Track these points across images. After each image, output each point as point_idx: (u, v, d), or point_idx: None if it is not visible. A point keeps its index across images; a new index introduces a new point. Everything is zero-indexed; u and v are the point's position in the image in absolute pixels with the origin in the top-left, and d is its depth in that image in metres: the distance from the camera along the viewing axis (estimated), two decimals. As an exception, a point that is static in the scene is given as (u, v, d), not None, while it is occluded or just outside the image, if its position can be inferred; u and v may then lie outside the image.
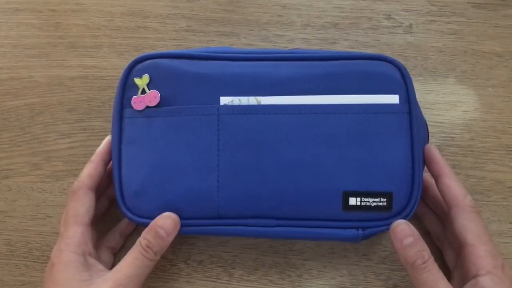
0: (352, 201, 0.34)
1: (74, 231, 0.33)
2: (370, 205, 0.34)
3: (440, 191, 0.35)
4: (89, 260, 0.33)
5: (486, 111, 0.42)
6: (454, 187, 0.34)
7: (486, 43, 0.44)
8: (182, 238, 0.40)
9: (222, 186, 0.34)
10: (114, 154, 0.36)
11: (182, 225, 0.35)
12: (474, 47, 0.44)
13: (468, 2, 0.45)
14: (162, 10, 0.46)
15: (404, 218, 0.34)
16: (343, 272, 0.39)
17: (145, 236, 0.33)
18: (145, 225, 0.35)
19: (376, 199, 0.34)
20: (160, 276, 0.40)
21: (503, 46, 0.43)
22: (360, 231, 0.34)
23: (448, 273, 0.35)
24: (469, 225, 0.32)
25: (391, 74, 0.35)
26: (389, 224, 0.34)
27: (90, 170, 0.36)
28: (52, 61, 0.45)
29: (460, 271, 0.34)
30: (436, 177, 0.35)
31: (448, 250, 0.36)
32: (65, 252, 0.33)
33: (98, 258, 0.35)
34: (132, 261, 0.33)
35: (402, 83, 0.35)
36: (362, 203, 0.34)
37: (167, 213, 0.34)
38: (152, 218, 0.34)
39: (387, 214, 0.34)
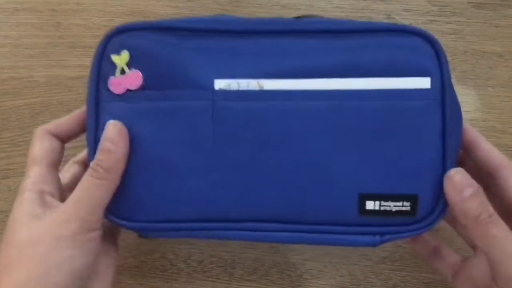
0: (370, 205, 0.29)
1: (31, 171, 0.30)
2: (391, 210, 0.29)
3: (480, 157, 0.31)
4: (47, 199, 0.29)
5: (486, 111, 0.42)
6: (496, 150, 0.30)
7: (486, 43, 0.44)
8: (182, 238, 0.40)
9: (218, 185, 0.30)
10: (90, 146, 0.30)
11: (174, 229, 0.31)
12: (474, 47, 0.44)
13: (468, 2, 0.45)
14: (162, 10, 0.46)
15: (429, 225, 0.30)
16: (343, 272, 0.39)
17: (95, 157, 0.29)
18: (132, 229, 0.31)
19: (398, 203, 0.29)
20: (160, 276, 0.40)
21: (503, 46, 0.43)
22: (378, 238, 0.30)
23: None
24: None
25: (422, 51, 0.29)
26: (412, 231, 0.30)
27: (59, 119, 0.32)
28: (52, 61, 0.45)
29: None
30: (470, 144, 0.31)
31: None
32: (20, 192, 0.29)
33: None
34: (80, 185, 0.29)
35: (435, 63, 0.29)
36: (382, 207, 0.29)
37: (109, 121, 0.30)
38: (139, 221, 0.31)
39: (410, 220, 0.29)
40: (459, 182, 0.28)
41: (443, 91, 0.29)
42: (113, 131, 0.29)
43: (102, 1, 0.46)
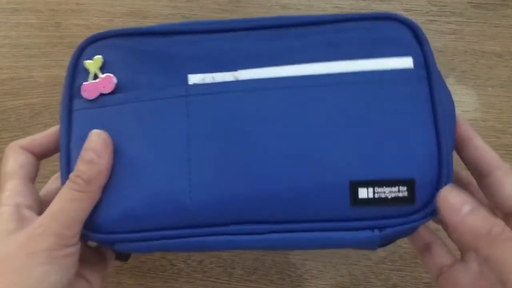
0: (363, 193, 0.26)
1: (7, 185, 0.28)
2: (387, 197, 0.26)
3: (472, 155, 0.29)
4: (25, 212, 0.27)
5: (486, 111, 0.42)
6: (490, 149, 0.28)
7: (486, 43, 0.43)
8: (182, 238, 0.40)
9: (195, 186, 0.27)
10: (63, 155, 0.29)
11: (148, 239, 0.28)
12: (474, 47, 0.43)
13: (468, 2, 0.45)
14: (162, 10, 0.46)
15: (431, 214, 0.27)
16: (343, 272, 0.39)
17: (75, 168, 0.27)
18: (102, 241, 0.29)
19: (393, 189, 0.26)
20: (160, 276, 0.40)
21: (503, 46, 0.43)
22: (377, 232, 0.27)
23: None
24: None
25: (401, 34, 0.29)
26: (413, 222, 0.27)
27: (33, 136, 0.31)
28: (52, 61, 0.45)
29: None
30: (462, 141, 0.29)
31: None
32: None
33: None
34: (57, 197, 0.27)
35: (416, 45, 0.28)
36: (376, 195, 0.26)
37: (93, 131, 0.28)
38: (110, 232, 0.28)
39: (410, 208, 0.27)
40: (453, 200, 0.25)
41: (428, 70, 0.28)
42: (97, 141, 0.27)
43: (102, 1, 0.46)
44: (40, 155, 0.31)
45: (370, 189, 0.26)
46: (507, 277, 0.23)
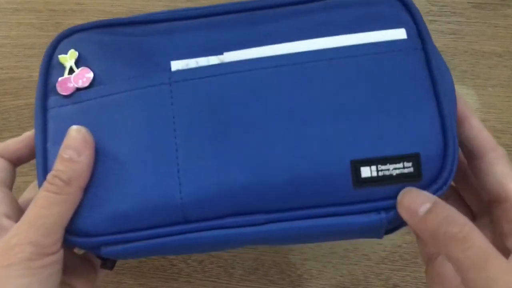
0: (366, 171, 0.25)
1: None
2: (391, 174, 0.25)
3: (467, 134, 0.27)
4: (3, 221, 0.26)
5: (486, 111, 0.42)
6: (486, 130, 0.27)
7: (486, 43, 0.43)
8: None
9: (184, 179, 0.25)
10: (39, 157, 0.27)
11: (136, 240, 0.26)
12: (474, 47, 0.43)
13: (468, 2, 0.45)
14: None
15: (441, 187, 0.25)
16: (343, 272, 0.39)
17: (53, 168, 0.25)
18: (85, 246, 0.26)
19: (398, 165, 0.25)
20: (160, 276, 0.40)
21: (503, 46, 0.43)
22: (383, 214, 0.25)
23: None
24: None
25: (391, 8, 0.28)
26: None
27: (6, 141, 0.29)
28: (52, 61, 0.45)
29: (488, 233, 0.26)
30: (459, 118, 0.27)
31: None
32: None
33: None
34: (33, 202, 0.25)
35: (407, 17, 0.27)
36: (380, 173, 0.25)
37: (71, 127, 0.26)
38: (94, 235, 0.26)
39: (417, 185, 0.25)
40: (409, 202, 0.24)
41: (423, 40, 0.27)
42: (77, 138, 0.25)
43: (102, 1, 0.46)
44: (16, 161, 0.29)
45: (373, 167, 0.25)
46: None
